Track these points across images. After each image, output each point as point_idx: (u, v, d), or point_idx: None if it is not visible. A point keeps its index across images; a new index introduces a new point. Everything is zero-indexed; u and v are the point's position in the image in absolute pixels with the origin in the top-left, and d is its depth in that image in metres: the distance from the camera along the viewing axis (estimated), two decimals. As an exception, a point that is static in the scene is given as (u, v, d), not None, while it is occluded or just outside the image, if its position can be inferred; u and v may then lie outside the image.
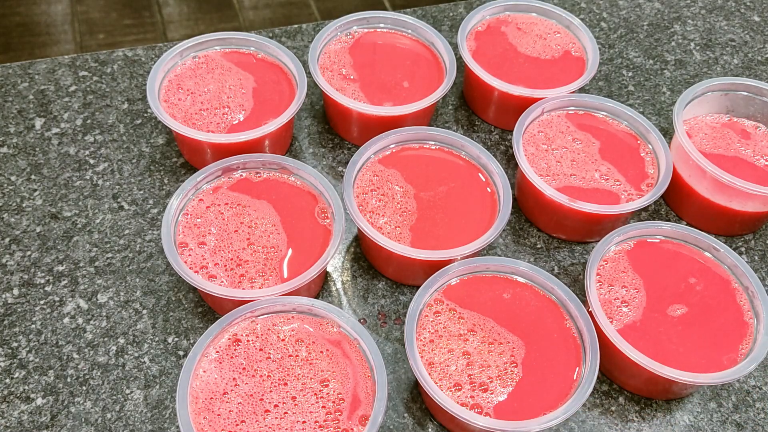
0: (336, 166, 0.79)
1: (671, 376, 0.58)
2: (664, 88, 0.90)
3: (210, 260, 0.63)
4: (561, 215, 0.71)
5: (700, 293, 0.64)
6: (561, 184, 0.71)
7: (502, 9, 0.87)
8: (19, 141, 0.78)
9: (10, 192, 0.74)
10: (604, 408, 0.64)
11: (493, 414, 0.56)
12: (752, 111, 0.80)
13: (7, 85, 0.83)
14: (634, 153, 0.75)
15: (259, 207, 0.67)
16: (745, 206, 0.72)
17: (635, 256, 0.67)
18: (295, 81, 0.77)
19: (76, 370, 0.62)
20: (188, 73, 0.77)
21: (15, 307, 0.66)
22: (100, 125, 0.80)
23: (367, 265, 0.71)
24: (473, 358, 0.58)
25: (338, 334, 0.59)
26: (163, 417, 0.60)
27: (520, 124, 0.73)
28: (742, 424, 0.63)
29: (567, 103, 0.77)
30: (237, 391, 0.55)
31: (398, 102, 0.77)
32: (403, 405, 0.62)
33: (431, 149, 0.73)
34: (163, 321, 0.66)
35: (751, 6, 1.02)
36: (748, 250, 0.76)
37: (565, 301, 0.61)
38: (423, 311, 0.61)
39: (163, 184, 0.75)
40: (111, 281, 0.68)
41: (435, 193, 0.69)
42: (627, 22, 0.98)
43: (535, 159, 0.73)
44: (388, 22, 0.84)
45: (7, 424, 0.59)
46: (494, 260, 0.63)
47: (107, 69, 0.85)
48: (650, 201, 0.69)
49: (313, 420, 0.54)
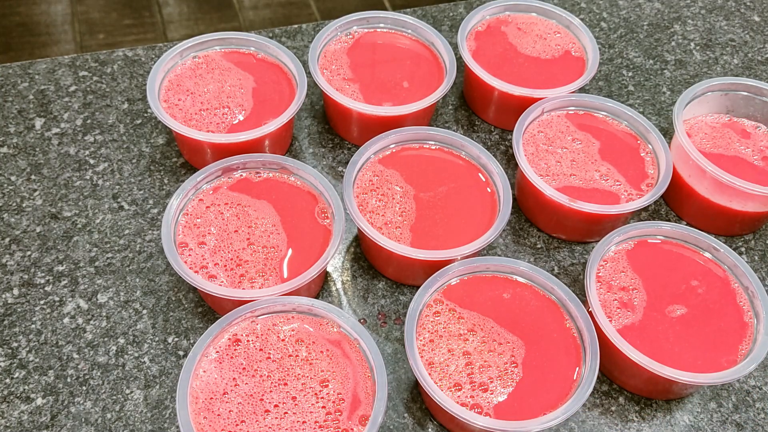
0: (336, 166, 0.79)
1: (671, 376, 0.58)
2: (664, 88, 0.90)
3: (210, 260, 0.63)
4: (561, 215, 0.71)
5: (700, 293, 0.64)
6: (561, 184, 0.71)
7: (502, 9, 0.87)
8: (19, 141, 0.78)
9: (10, 192, 0.74)
10: (604, 408, 0.64)
11: (493, 414, 0.56)
12: (752, 111, 0.80)
13: (7, 85, 0.83)
14: (634, 153, 0.75)
15: (259, 207, 0.67)
16: (745, 206, 0.72)
17: (635, 256, 0.67)
18: (295, 81, 0.77)
19: (76, 370, 0.62)
20: (188, 73, 0.77)
21: (15, 307, 0.66)
22: (100, 125, 0.80)
23: (367, 265, 0.71)
24: (473, 358, 0.58)
25: (338, 334, 0.59)
26: (163, 417, 0.60)
27: (520, 125, 0.73)
28: (742, 424, 0.63)
29: (567, 103, 0.77)
30: (237, 391, 0.55)
31: (398, 102, 0.77)
32: (403, 405, 0.62)
33: (431, 149, 0.73)
34: (163, 321, 0.66)
35: (751, 6, 1.02)
36: (748, 250, 0.76)
37: (565, 301, 0.61)
38: (423, 311, 0.61)
39: (163, 184, 0.75)
40: (111, 281, 0.68)
41: (435, 193, 0.69)
42: (627, 22, 0.98)
43: (535, 159, 0.73)
44: (388, 22, 0.84)
45: (7, 424, 0.59)
46: (494, 260, 0.63)
47: (107, 69, 0.85)
48: (650, 201, 0.69)
49: (313, 420, 0.54)
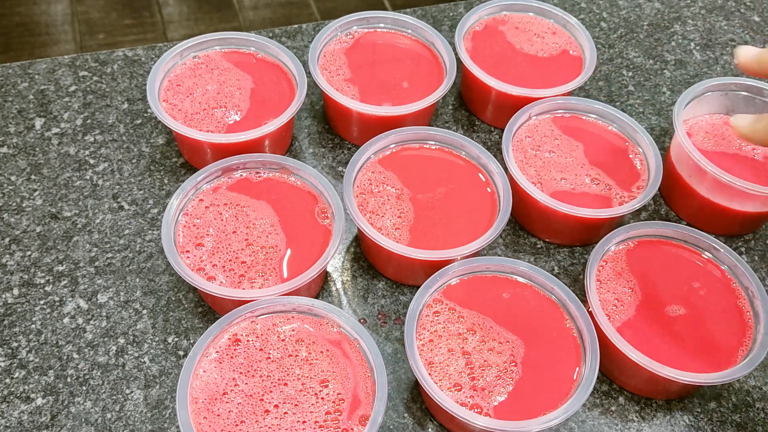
0: (336, 166, 0.79)
1: (671, 376, 0.58)
2: (664, 88, 0.90)
3: (210, 260, 0.63)
4: (553, 220, 0.71)
5: (700, 293, 0.64)
6: (550, 190, 0.71)
7: (500, 9, 0.87)
8: (19, 141, 0.78)
9: (10, 192, 0.74)
10: (604, 408, 0.64)
11: (493, 414, 0.56)
12: (752, 111, 0.80)
13: (7, 85, 0.83)
14: (623, 155, 0.74)
15: (259, 207, 0.67)
16: (745, 206, 0.72)
17: (635, 256, 0.67)
18: (295, 81, 0.77)
19: (76, 370, 0.62)
20: (188, 73, 0.77)
21: (15, 307, 0.66)
22: (100, 125, 0.80)
23: (367, 265, 0.71)
24: (473, 357, 0.58)
25: (338, 334, 0.59)
26: (163, 417, 0.60)
27: (509, 130, 0.73)
28: (742, 424, 0.63)
29: (555, 107, 0.77)
30: (237, 391, 0.55)
31: (398, 102, 0.77)
32: (403, 405, 0.62)
33: (431, 149, 0.73)
34: (163, 321, 0.66)
35: (751, 6, 1.02)
36: (748, 250, 0.76)
37: (565, 301, 0.61)
38: (423, 311, 0.61)
39: (163, 184, 0.75)
40: (111, 281, 0.68)
41: (435, 194, 0.69)
42: (627, 22, 0.98)
43: (524, 165, 0.73)
44: (388, 22, 0.84)
45: (7, 424, 0.59)
46: (494, 260, 0.63)
47: (107, 69, 0.85)
48: (642, 203, 0.68)
49: (313, 420, 0.54)
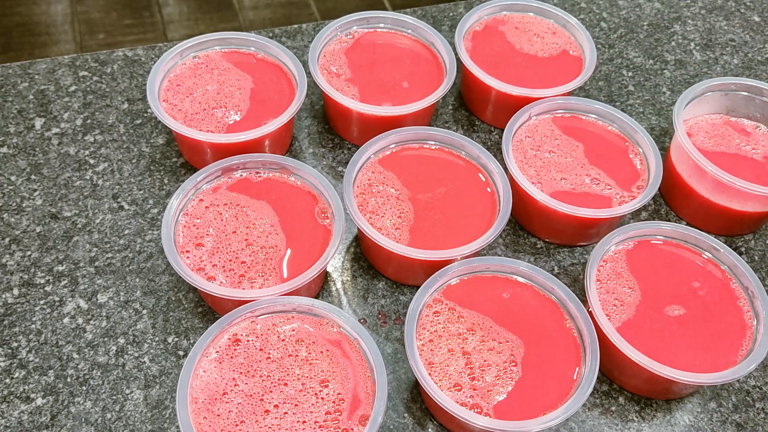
0: (336, 166, 0.79)
1: (671, 376, 0.58)
2: (664, 88, 0.90)
3: (210, 260, 0.63)
4: (553, 220, 0.71)
5: (700, 293, 0.64)
6: (550, 190, 0.71)
7: (500, 9, 0.87)
8: (19, 141, 0.78)
9: (10, 192, 0.74)
10: (604, 408, 0.64)
11: (492, 414, 0.56)
12: (752, 111, 0.80)
13: (7, 85, 0.83)
14: (623, 155, 0.74)
15: (258, 207, 0.67)
16: (745, 206, 0.72)
17: (635, 256, 0.67)
18: (295, 81, 0.77)
19: (76, 370, 0.62)
20: (188, 73, 0.77)
21: (15, 307, 0.66)
22: (100, 125, 0.80)
23: (367, 265, 0.71)
24: (473, 357, 0.58)
25: (338, 334, 0.59)
26: (163, 417, 0.60)
27: (509, 130, 0.73)
28: (742, 424, 0.63)
29: (554, 107, 0.77)
30: (237, 392, 0.55)
31: (398, 102, 0.77)
32: (403, 405, 0.62)
33: (431, 149, 0.73)
34: (163, 321, 0.66)
35: (751, 6, 1.02)
36: (748, 250, 0.76)
37: (565, 301, 0.61)
38: (423, 311, 0.61)
39: (163, 184, 0.75)
40: (111, 281, 0.68)
41: (435, 194, 0.69)
42: (627, 22, 0.98)
43: (524, 165, 0.73)
44: (388, 22, 0.84)
45: (7, 424, 0.59)
46: (494, 260, 0.63)
47: (107, 69, 0.85)
48: (642, 203, 0.69)
49: (313, 420, 0.54)
